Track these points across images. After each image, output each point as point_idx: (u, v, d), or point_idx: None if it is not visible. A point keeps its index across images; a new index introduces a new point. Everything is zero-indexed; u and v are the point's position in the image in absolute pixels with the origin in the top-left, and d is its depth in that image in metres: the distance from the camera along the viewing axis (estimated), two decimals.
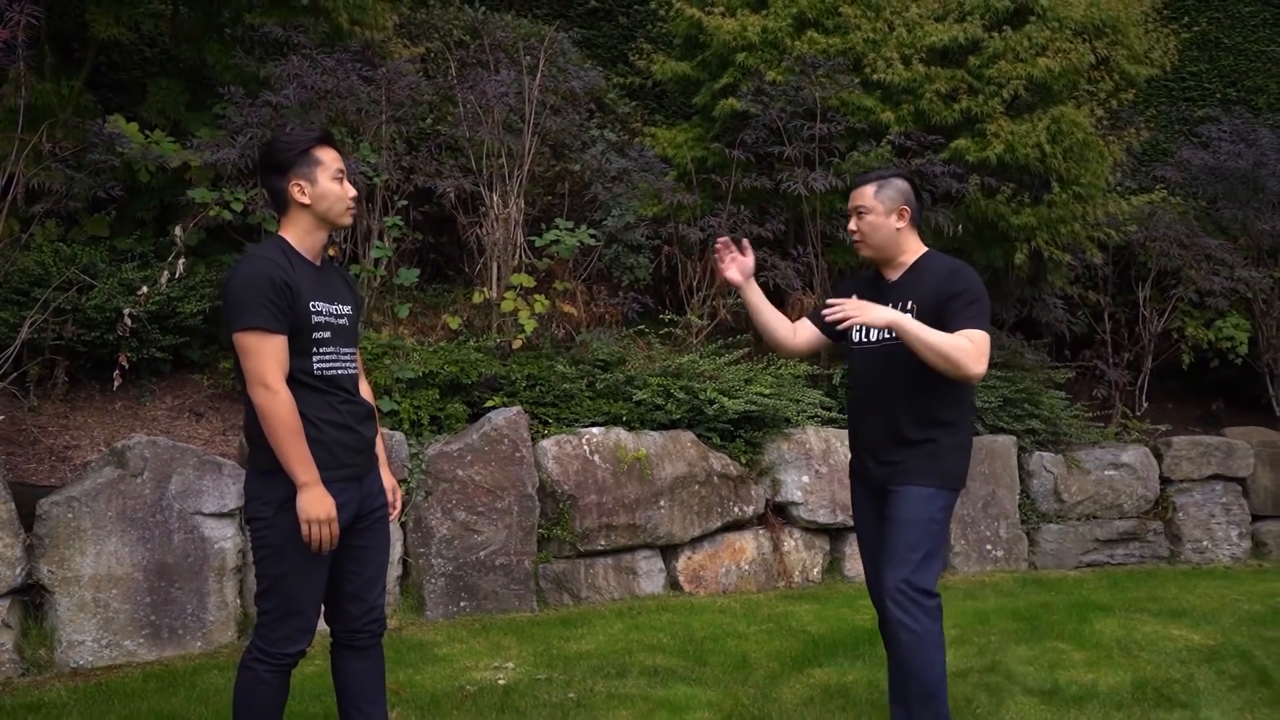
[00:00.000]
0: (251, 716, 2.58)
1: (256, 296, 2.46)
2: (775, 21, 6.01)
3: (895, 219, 2.96)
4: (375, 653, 2.77)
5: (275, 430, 2.46)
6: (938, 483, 2.88)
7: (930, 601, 2.80)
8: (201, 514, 4.06)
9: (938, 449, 2.88)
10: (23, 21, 4.06)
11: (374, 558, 2.74)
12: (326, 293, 2.62)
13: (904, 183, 3.00)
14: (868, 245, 2.99)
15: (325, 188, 2.60)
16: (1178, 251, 6.75)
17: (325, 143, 2.63)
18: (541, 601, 4.74)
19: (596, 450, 4.87)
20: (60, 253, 4.76)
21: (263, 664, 2.57)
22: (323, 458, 2.55)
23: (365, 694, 2.75)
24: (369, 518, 2.72)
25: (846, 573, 5.41)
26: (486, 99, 5.61)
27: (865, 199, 2.97)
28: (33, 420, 4.50)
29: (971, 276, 2.89)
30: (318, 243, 2.64)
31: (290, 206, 2.61)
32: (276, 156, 2.59)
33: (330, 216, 2.62)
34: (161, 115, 5.46)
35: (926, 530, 2.83)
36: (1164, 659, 4.08)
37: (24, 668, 3.73)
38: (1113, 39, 6.23)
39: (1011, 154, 5.70)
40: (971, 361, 2.75)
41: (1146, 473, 6.14)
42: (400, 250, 5.55)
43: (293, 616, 2.56)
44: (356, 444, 2.66)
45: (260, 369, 2.46)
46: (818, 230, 5.86)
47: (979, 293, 2.85)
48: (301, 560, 2.53)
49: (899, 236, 2.97)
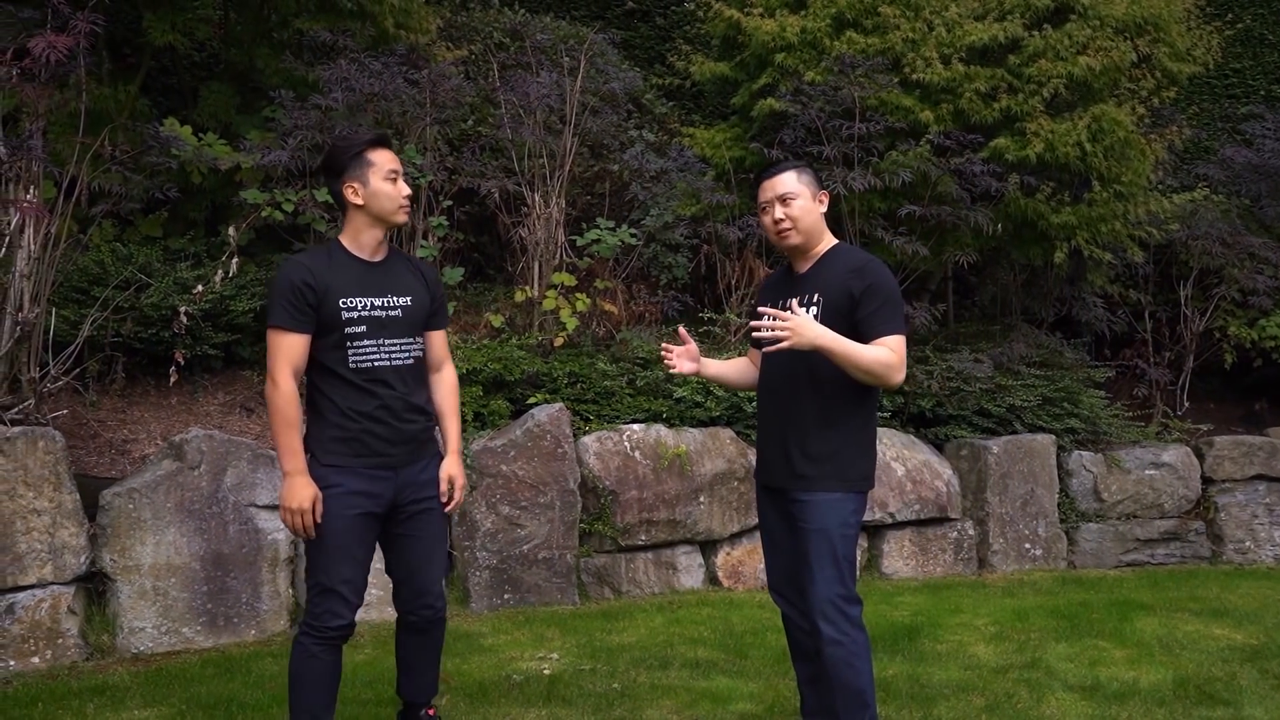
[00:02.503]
0: (302, 687, 2.73)
1: (278, 297, 2.68)
2: (814, 22, 6.05)
3: (818, 203, 2.92)
4: (432, 632, 2.94)
5: (271, 419, 2.70)
6: (843, 486, 2.80)
7: (855, 610, 2.78)
8: (255, 506, 4.18)
9: (842, 451, 2.81)
10: (85, 29, 4.19)
11: (416, 547, 2.84)
12: (375, 288, 2.76)
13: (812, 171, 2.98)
14: (799, 231, 2.88)
15: (376, 187, 2.74)
16: (1220, 250, 6.69)
17: (378, 145, 2.78)
18: (583, 595, 4.82)
19: (637, 447, 4.94)
20: (117, 253, 4.92)
21: (309, 637, 2.72)
22: (353, 446, 2.71)
23: (414, 666, 3.00)
24: (411, 508, 2.81)
25: (884, 569, 5.44)
26: (528, 100, 5.70)
27: (790, 185, 2.89)
28: (93, 415, 4.65)
29: (880, 272, 2.80)
30: (372, 241, 2.79)
31: (347, 208, 2.78)
32: (332, 161, 2.77)
33: (383, 215, 2.77)
34: (213, 119, 5.61)
35: (842, 538, 2.77)
36: (1206, 657, 4.07)
37: (88, 652, 3.87)
38: (1154, 36, 6.19)
39: (1051, 153, 5.69)
40: (895, 372, 2.71)
41: (1188, 472, 6.10)
42: (444, 250, 5.66)
43: (327, 594, 2.70)
44: (391, 436, 2.76)
45: (271, 363, 2.70)
46: (856, 229, 5.89)
47: (890, 290, 2.77)
48: (327, 542, 2.69)
49: (820, 222, 2.92)
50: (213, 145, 5.16)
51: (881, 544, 5.48)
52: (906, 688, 3.65)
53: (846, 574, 2.77)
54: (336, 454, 2.71)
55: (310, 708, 2.72)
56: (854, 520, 2.81)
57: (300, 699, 2.73)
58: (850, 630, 2.76)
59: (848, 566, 2.77)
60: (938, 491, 5.54)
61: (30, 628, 3.78)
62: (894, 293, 2.78)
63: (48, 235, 4.18)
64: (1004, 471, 5.69)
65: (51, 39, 4.08)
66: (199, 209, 5.45)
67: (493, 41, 6.83)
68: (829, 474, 2.80)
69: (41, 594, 3.81)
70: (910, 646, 4.13)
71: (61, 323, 4.42)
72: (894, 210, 5.81)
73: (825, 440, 2.81)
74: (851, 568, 2.79)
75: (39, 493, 3.82)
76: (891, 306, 2.76)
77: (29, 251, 4.12)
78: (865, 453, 2.84)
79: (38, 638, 3.79)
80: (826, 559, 2.75)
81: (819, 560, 2.76)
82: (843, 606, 2.76)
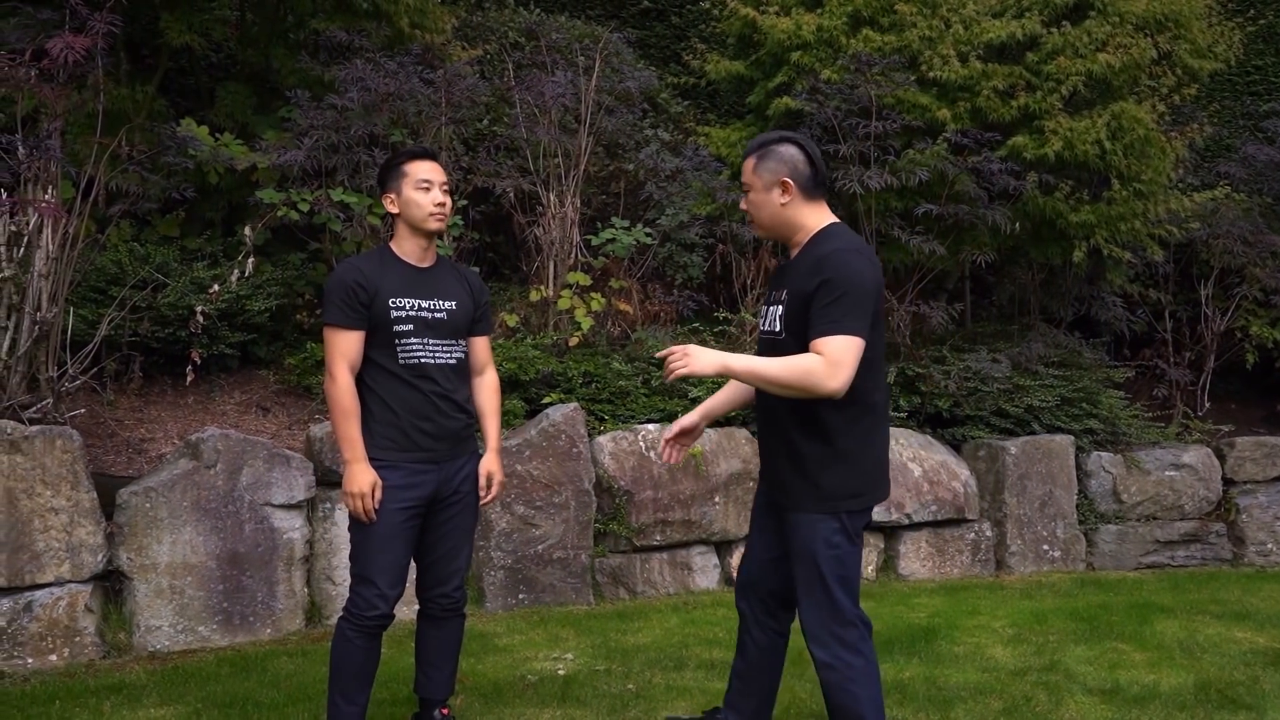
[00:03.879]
0: (339, 672, 2.87)
1: (333, 297, 2.84)
2: (830, 20, 6.02)
3: (778, 194, 2.62)
4: (450, 625, 3.06)
5: (331, 412, 2.84)
6: (817, 507, 2.59)
7: (850, 634, 2.59)
8: (271, 505, 4.18)
9: (818, 466, 2.59)
10: (103, 30, 4.21)
11: (447, 538, 2.98)
12: (423, 291, 2.92)
13: (790, 149, 2.62)
14: (757, 225, 2.70)
15: (408, 196, 2.92)
16: (1242, 249, 6.62)
17: (417, 157, 2.95)
18: (598, 595, 4.81)
19: (652, 447, 4.93)
20: (135, 252, 4.94)
21: (348, 624, 2.86)
22: (399, 440, 2.86)
23: (432, 659, 3.08)
24: (448, 500, 2.96)
25: (901, 571, 5.41)
26: (543, 100, 5.70)
27: (746, 174, 2.67)
28: (110, 414, 4.67)
29: (839, 263, 2.49)
30: (415, 248, 2.96)
31: (392, 217, 2.98)
32: (379, 175, 2.99)
33: (414, 222, 2.93)
34: (230, 119, 5.63)
35: (829, 559, 2.58)
36: (1228, 661, 4.03)
37: (105, 650, 3.89)
38: (1175, 33, 6.13)
39: (1070, 151, 5.64)
40: (823, 380, 2.42)
41: (1208, 474, 6.04)
42: (459, 249, 5.66)
43: (366, 583, 2.84)
44: (436, 431, 2.91)
45: (329, 359, 2.84)
46: (872, 228, 5.85)
47: (844, 285, 2.46)
48: (368, 533, 2.83)
49: (786, 213, 2.62)
50: (229, 145, 5.18)
51: (898, 545, 5.44)
52: (923, 690, 3.62)
53: (841, 595, 2.58)
54: (384, 449, 2.85)
55: (345, 690, 2.87)
56: (837, 540, 2.59)
57: (336, 682, 2.88)
58: (843, 654, 2.58)
59: (840, 589, 2.58)
60: (955, 492, 5.50)
61: (48, 626, 3.79)
62: (850, 287, 2.46)
63: (66, 235, 4.20)
64: (1022, 472, 5.64)
65: (70, 40, 4.10)
66: (215, 209, 5.47)
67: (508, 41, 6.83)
68: (810, 493, 2.61)
69: (59, 592, 3.83)
70: (927, 648, 4.10)
71: (79, 322, 4.44)
72: (911, 209, 5.77)
73: (806, 458, 2.61)
74: (847, 589, 2.60)
75: (57, 491, 3.84)
76: (840, 304, 2.45)
77: (47, 251, 4.14)
78: (856, 471, 2.60)
79: (55, 636, 3.80)
80: (813, 584, 2.60)
81: (804, 585, 2.63)
82: (835, 630, 2.59)
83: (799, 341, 2.56)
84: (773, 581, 2.86)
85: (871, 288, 2.53)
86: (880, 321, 2.61)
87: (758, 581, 2.89)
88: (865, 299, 2.49)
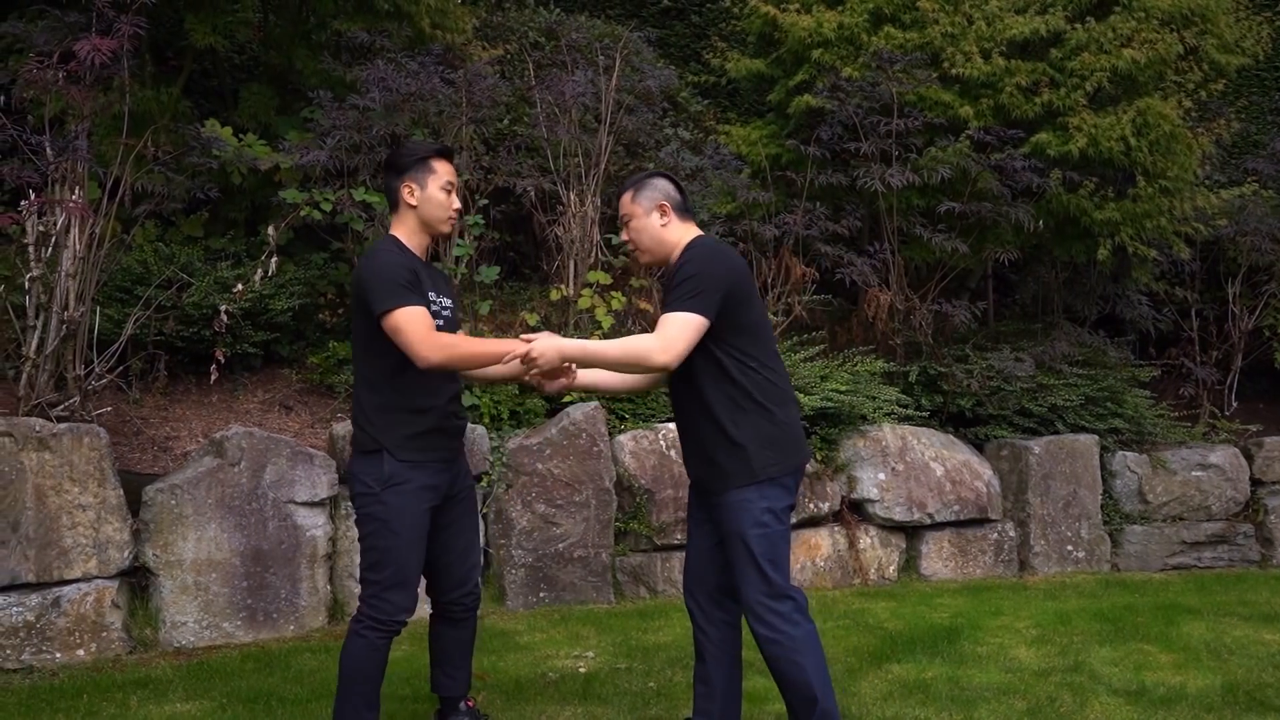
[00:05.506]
0: (364, 680, 2.79)
1: (395, 278, 2.69)
2: (851, 17, 5.99)
3: (658, 216, 2.85)
4: (468, 624, 3.04)
5: (467, 363, 2.73)
6: (748, 479, 2.73)
7: (785, 606, 2.72)
8: (294, 503, 4.21)
9: (740, 444, 2.73)
10: (129, 32, 4.25)
11: (461, 533, 2.97)
12: (437, 287, 2.89)
13: (661, 180, 2.91)
14: (641, 250, 2.90)
15: (431, 193, 2.84)
16: (1270, 246, 6.53)
17: (443, 156, 2.89)
18: (618, 593, 4.81)
19: (673, 445, 4.92)
20: (160, 252, 4.99)
21: (375, 631, 2.78)
22: (422, 441, 2.81)
23: (453, 659, 3.06)
24: (457, 497, 2.95)
25: (923, 571, 5.37)
26: (563, 99, 5.70)
27: (625, 206, 2.90)
28: (136, 412, 4.72)
29: (693, 253, 2.74)
30: (422, 244, 2.89)
31: (400, 206, 2.87)
32: (397, 159, 2.88)
33: (432, 222, 2.87)
34: (253, 119, 5.67)
35: (758, 538, 2.71)
36: (1256, 663, 3.98)
37: (131, 646, 3.93)
38: (1201, 28, 6.07)
39: (1094, 148, 5.59)
40: (654, 354, 2.61)
41: (1236, 474, 5.97)
42: (480, 249, 5.67)
43: (402, 584, 2.78)
44: (451, 429, 2.90)
45: (418, 338, 2.65)
46: (894, 226, 5.83)
47: (692, 268, 2.68)
48: (407, 532, 2.77)
49: (665, 233, 2.86)
50: (252, 146, 5.22)
51: (920, 545, 5.41)
52: (946, 690, 3.59)
53: (771, 572, 2.71)
54: (410, 449, 2.78)
55: (368, 697, 2.80)
56: (767, 519, 2.72)
57: (355, 689, 2.79)
58: (783, 626, 2.71)
59: (771, 565, 2.71)
60: (978, 492, 5.46)
61: (76, 621, 3.84)
62: (697, 269, 2.67)
63: (92, 235, 4.25)
64: (1046, 472, 5.60)
65: (96, 42, 4.15)
66: (239, 209, 5.51)
67: (528, 41, 6.84)
68: (727, 472, 2.75)
69: (86, 588, 3.87)
70: (950, 648, 4.08)
71: (105, 321, 4.49)
72: (933, 207, 5.74)
73: (716, 439, 2.76)
74: (777, 565, 2.73)
75: (84, 488, 3.88)
76: (683, 287, 2.65)
77: (74, 251, 4.19)
78: (768, 444, 2.74)
79: (83, 631, 3.85)
80: (746, 562, 2.72)
81: (739, 564, 2.75)
82: (771, 604, 2.71)
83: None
84: (715, 575, 2.91)
85: (722, 272, 2.71)
86: (756, 300, 2.81)
87: (702, 578, 2.93)
88: (714, 282, 2.68)
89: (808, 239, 5.77)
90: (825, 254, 5.76)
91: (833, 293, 6.20)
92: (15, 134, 4.21)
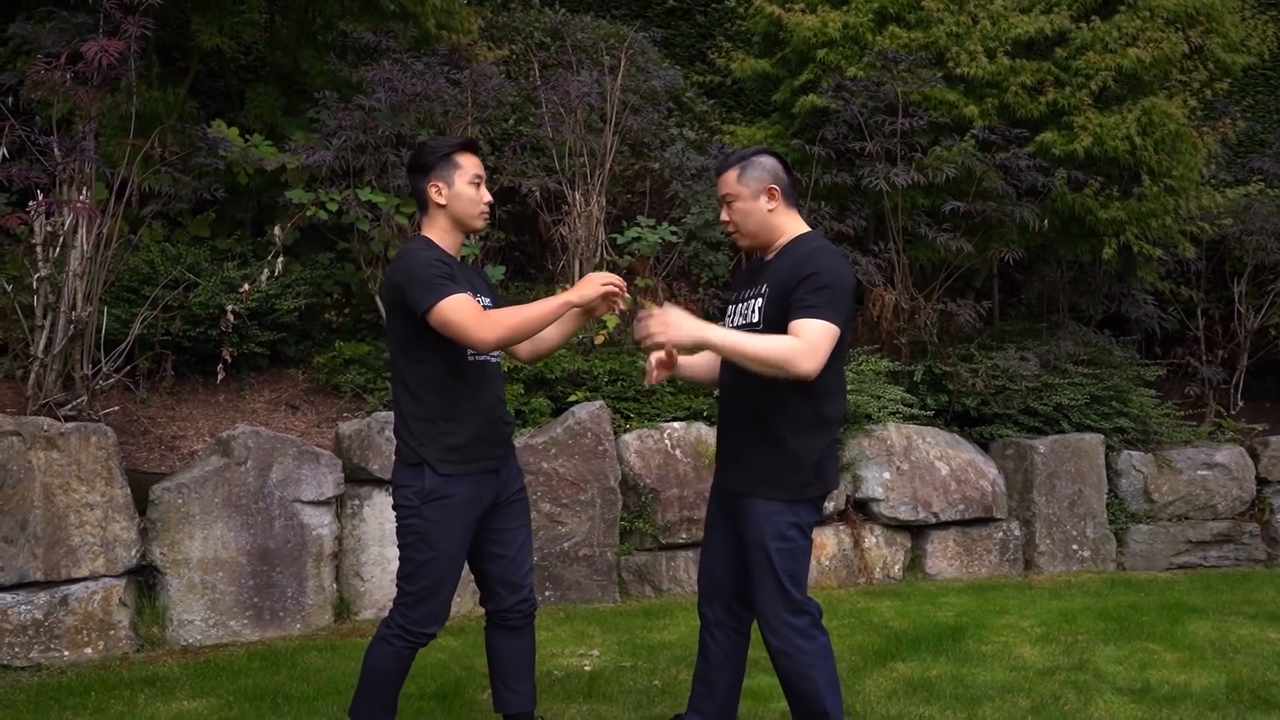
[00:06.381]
0: (385, 685, 2.77)
1: (431, 272, 2.63)
2: (856, 17, 5.99)
3: (765, 200, 2.73)
4: (527, 633, 2.93)
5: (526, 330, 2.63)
6: (772, 493, 2.67)
7: (802, 621, 2.68)
8: (300, 502, 4.23)
9: (778, 454, 2.67)
10: (136, 33, 4.27)
11: (514, 538, 2.89)
12: (472, 284, 2.80)
13: (770, 159, 2.77)
14: (743, 234, 2.77)
15: (460, 190, 2.77)
16: (1276, 245, 6.53)
17: (467, 150, 2.82)
18: (624, 592, 4.82)
19: (678, 445, 4.93)
20: (166, 253, 5.01)
21: (403, 640, 2.75)
22: (465, 453, 2.72)
23: (514, 672, 2.94)
24: (509, 500, 2.88)
25: (928, 570, 5.37)
26: (568, 99, 5.72)
27: (730, 185, 2.75)
28: (143, 411, 4.74)
29: (824, 260, 2.63)
30: (455, 243, 2.82)
31: (429, 207, 2.80)
32: (421, 159, 2.80)
33: (464, 219, 2.80)
34: (259, 120, 5.69)
35: (779, 552, 2.66)
36: (1261, 661, 3.97)
37: (139, 644, 3.95)
38: (1207, 27, 6.06)
39: (1100, 147, 5.59)
40: (801, 359, 2.51)
41: (1242, 473, 5.96)
42: (486, 248, 5.69)
43: (435, 598, 2.74)
44: (496, 436, 2.82)
45: (470, 322, 2.59)
46: (899, 225, 5.83)
47: (828, 278, 2.59)
48: (446, 547, 2.71)
49: (772, 219, 2.74)
50: (259, 146, 5.24)
51: (925, 544, 5.41)
52: (950, 688, 3.60)
53: (790, 587, 2.67)
54: (454, 463, 2.71)
55: (385, 701, 2.79)
56: (793, 534, 2.68)
57: (376, 691, 2.77)
58: (797, 641, 2.68)
59: (791, 580, 2.67)
60: (983, 491, 5.46)
61: (83, 619, 3.86)
62: (832, 280, 2.60)
63: (99, 235, 4.26)
64: (1051, 471, 5.60)
65: (103, 43, 4.16)
66: (245, 209, 5.53)
67: (533, 41, 6.85)
68: (760, 480, 2.69)
69: (94, 586, 3.89)
70: (954, 647, 4.08)
71: (113, 321, 4.51)
72: (938, 206, 5.74)
73: (758, 446, 2.70)
74: (796, 580, 2.69)
75: (92, 487, 3.90)
76: (820, 293, 2.57)
77: (82, 251, 4.21)
78: (806, 462, 2.67)
79: (90, 629, 3.87)
80: (765, 574, 2.68)
81: (757, 574, 2.70)
82: (788, 619, 2.68)
83: (778, 332, 2.64)
84: (733, 583, 2.87)
85: (850, 287, 2.66)
86: (850, 324, 2.71)
87: (718, 584, 2.90)
88: (844, 295, 2.63)
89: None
90: None
91: None
92: (23, 135, 4.23)
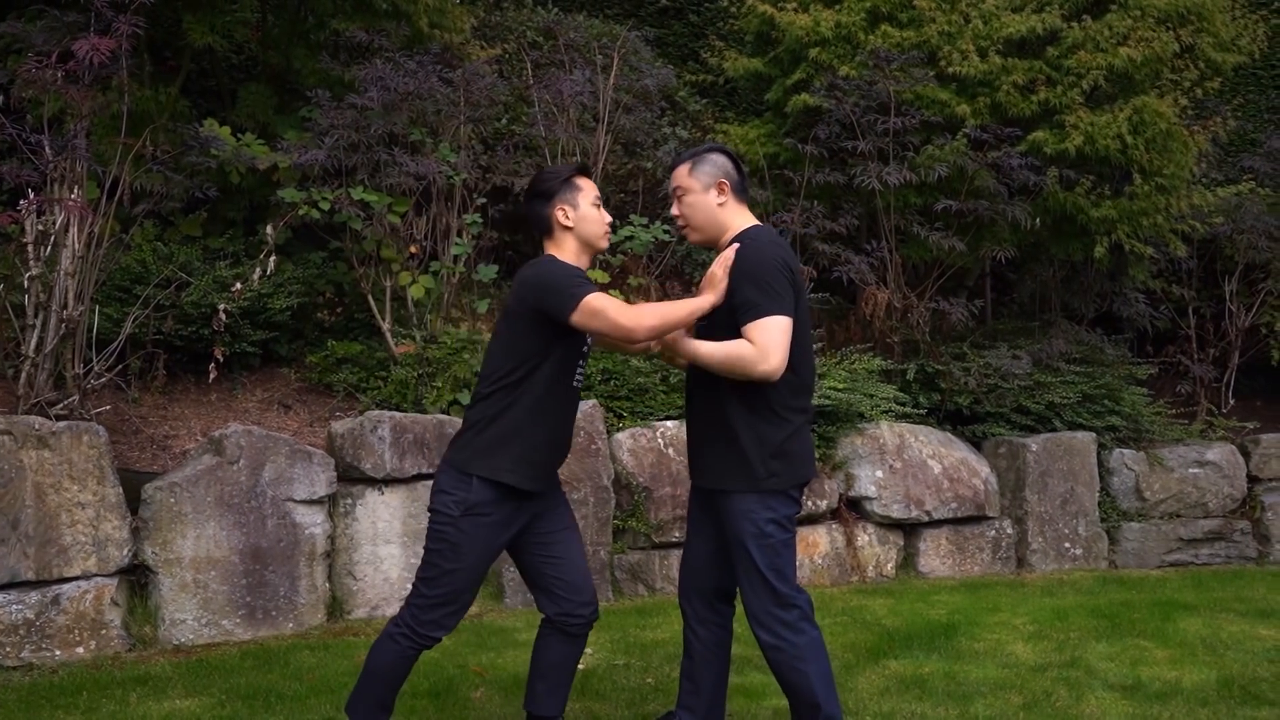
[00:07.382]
0: (386, 683, 2.80)
1: (573, 273, 2.69)
2: (848, 16, 6.01)
3: (715, 194, 2.78)
4: (581, 641, 2.93)
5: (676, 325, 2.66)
6: (740, 485, 2.70)
7: (791, 615, 2.70)
8: (293, 501, 4.23)
9: (734, 446, 2.70)
10: (127, 32, 4.26)
11: (564, 538, 2.89)
12: None
13: (722, 156, 2.82)
14: (692, 227, 2.82)
15: (586, 211, 2.81)
16: (1267, 244, 6.55)
17: (584, 173, 2.86)
18: (617, 591, 4.82)
19: (671, 443, 4.94)
20: (158, 252, 5.00)
21: (409, 640, 2.77)
22: (530, 471, 2.74)
23: (558, 675, 2.94)
24: (553, 504, 2.89)
25: (921, 568, 5.39)
26: (561, 98, 5.72)
27: (681, 179, 2.81)
28: (135, 410, 4.73)
29: (747, 251, 2.67)
30: (585, 265, 2.85)
31: (555, 230, 2.83)
32: (543, 185, 2.83)
33: (590, 239, 2.83)
34: (251, 119, 5.68)
35: (760, 548, 2.69)
36: (1251, 658, 3.99)
37: (131, 643, 3.94)
38: (1198, 26, 6.08)
39: (1091, 146, 5.61)
40: (755, 363, 2.58)
41: (1233, 471, 5.98)
42: (479, 247, 5.69)
43: (449, 606, 2.76)
44: (560, 460, 2.86)
45: (621, 312, 2.62)
46: (891, 225, 5.84)
47: (750, 269, 2.63)
48: (473, 560, 2.73)
49: (721, 213, 2.79)
50: (251, 145, 5.22)
51: (918, 542, 5.42)
52: (943, 685, 3.61)
53: (776, 581, 2.69)
54: (523, 477, 2.72)
55: (383, 698, 2.81)
56: (770, 529, 2.69)
57: (375, 688, 2.79)
58: (787, 635, 2.70)
59: (775, 574, 2.70)
60: (975, 490, 5.48)
61: (75, 618, 3.85)
62: (756, 271, 2.63)
63: (91, 234, 4.25)
64: (1043, 469, 5.61)
65: (95, 42, 4.15)
66: (237, 208, 5.52)
67: (526, 40, 6.85)
68: (724, 473, 2.73)
69: (86, 585, 3.88)
70: (947, 645, 4.09)
71: (104, 320, 4.50)
72: (930, 205, 5.76)
73: (716, 439, 2.73)
74: (781, 574, 2.71)
75: (83, 486, 3.89)
76: (753, 288, 2.61)
77: (73, 250, 4.20)
78: (763, 452, 2.69)
79: (82, 628, 3.86)
80: (750, 570, 2.71)
81: (742, 571, 2.73)
82: (777, 613, 2.70)
83: (727, 325, 2.70)
84: (713, 579, 2.89)
85: (778, 264, 2.66)
86: (803, 299, 2.74)
87: (699, 580, 2.91)
88: (775, 278, 2.63)
89: (805, 237, 5.79)
90: (823, 252, 5.78)
91: (830, 291, 6.22)
92: (14, 133, 4.22)
